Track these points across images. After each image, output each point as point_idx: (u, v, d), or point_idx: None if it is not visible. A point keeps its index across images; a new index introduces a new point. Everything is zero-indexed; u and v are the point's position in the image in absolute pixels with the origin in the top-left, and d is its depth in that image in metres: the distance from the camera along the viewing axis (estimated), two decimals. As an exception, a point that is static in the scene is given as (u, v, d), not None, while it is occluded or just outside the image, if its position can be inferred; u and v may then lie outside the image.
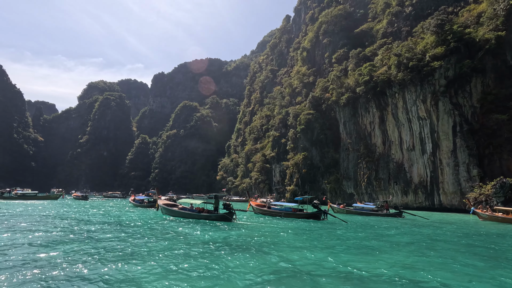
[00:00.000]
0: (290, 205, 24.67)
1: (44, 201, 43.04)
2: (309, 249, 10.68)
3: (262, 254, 9.33)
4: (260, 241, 12.35)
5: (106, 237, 11.91)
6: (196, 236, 13.22)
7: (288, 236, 14.45)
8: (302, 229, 17.67)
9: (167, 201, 30.88)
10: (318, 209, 22.26)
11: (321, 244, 12.01)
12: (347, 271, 7.72)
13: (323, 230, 17.25)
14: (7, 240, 10.89)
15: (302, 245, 11.76)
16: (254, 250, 9.99)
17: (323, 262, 8.74)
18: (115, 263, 7.71)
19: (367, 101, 60.29)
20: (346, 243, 12.52)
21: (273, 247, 10.92)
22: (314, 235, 14.99)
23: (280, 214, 24.19)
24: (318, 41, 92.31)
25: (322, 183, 72.32)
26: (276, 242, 12.05)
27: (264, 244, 11.53)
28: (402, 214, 28.49)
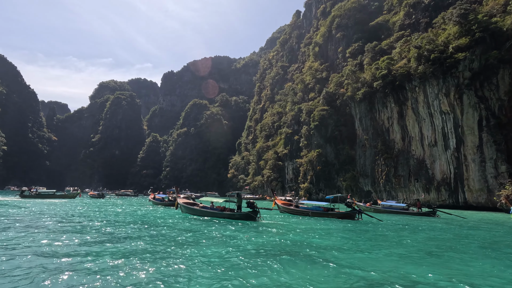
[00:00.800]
0: (321, 204, 23.53)
1: (62, 200, 43.10)
2: (370, 255, 9.31)
3: (317, 261, 8.24)
4: (302, 244, 11.22)
5: (147, 241, 10.78)
6: (238, 239, 12.13)
7: (332, 238, 13.23)
8: (343, 230, 16.32)
9: (186, 199, 30.23)
10: (352, 208, 21.09)
11: (381, 249, 10.62)
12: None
13: (367, 232, 15.75)
14: (49, 242, 10.16)
15: (356, 249, 10.53)
16: (304, 256, 8.95)
17: (401, 271, 7.52)
18: (176, 277, 6.68)
19: (385, 95, 58.42)
20: (408, 248, 10.97)
21: (323, 252, 9.73)
22: (361, 237, 13.62)
23: (309, 214, 23.10)
24: (331, 36, 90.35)
25: (337, 180, 70.84)
26: (323, 246, 10.86)
27: (309, 248, 10.40)
28: (436, 213, 27.04)
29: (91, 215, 22.60)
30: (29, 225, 15.28)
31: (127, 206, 35.26)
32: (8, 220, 17.08)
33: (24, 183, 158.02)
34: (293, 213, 22.74)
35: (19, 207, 27.41)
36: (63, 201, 39.22)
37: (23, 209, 25.58)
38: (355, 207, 21.11)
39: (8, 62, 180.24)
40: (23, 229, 13.55)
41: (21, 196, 46.58)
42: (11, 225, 14.89)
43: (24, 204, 31.09)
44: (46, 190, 53.02)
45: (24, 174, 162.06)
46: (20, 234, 12.02)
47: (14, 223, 15.79)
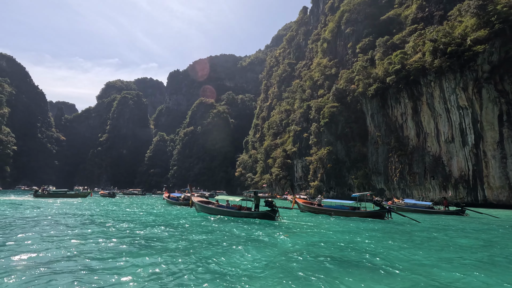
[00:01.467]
0: (347, 203, 22.52)
1: (74, 199, 42.85)
2: (431, 262, 8.29)
3: (376, 269, 7.31)
4: (347, 247, 10.03)
5: (179, 246, 9.87)
6: (276, 241, 11.16)
7: (375, 240, 12.00)
8: (381, 231, 15.08)
9: (200, 198, 29.59)
10: (381, 207, 20.03)
11: (439, 254, 9.41)
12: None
13: (411, 234, 14.42)
14: (77, 246, 9.46)
15: (412, 254, 9.35)
16: (358, 262, 7.99)
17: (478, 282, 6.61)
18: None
19: (398, 91, 56.98)
20: (468, 254, 9.80)
21: (375, 256, 8.67)
22: (408, 240, 12.35)
23: (332, 213, 22.08)
24: (340, 31, 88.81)
25: (348, 178, 69.61)
26: (371, 250, 9.73)
27: (357, 252, 9.25)
28: (465, 212, 25.83)
29: (116, 215, 21.89)
30: (59, 229, 14.68)
31: (143, 205, 34.71)
32: (33, 223, 16.54)
33: (34, 182, 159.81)
34: (315, 212, 21.84)
35: (36, 207, 26.94)
36: (76, 201, 38.92)
37: (41, 209, 25.11)
38: (384, 206, 20.06)
39: (17, 63, 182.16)
40: (57, 232, 12.95)
41: (34, 195, 46.65)
42: (45, 231, 14.18)
43: (40, 204, 30.72)
44: (58, 190, 52.93)
45: (33, 174, 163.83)
46: (53, 237, 11.37)
47: (40, 226, 15.11)
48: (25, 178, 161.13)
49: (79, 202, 37.67)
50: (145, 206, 33.85)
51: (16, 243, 9.82)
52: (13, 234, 11.75)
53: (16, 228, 13.71)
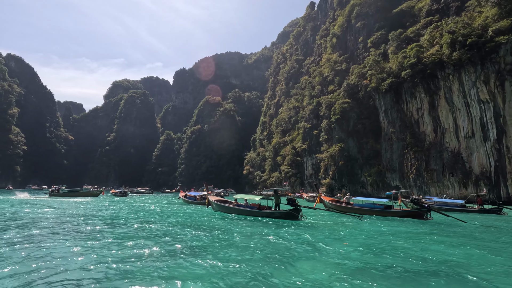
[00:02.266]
0: (380, 201, 21.26)
1: (87, 198, 42.39)
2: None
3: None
4: (422, 257, 8.76)
5: (231, 255, 8.72)
6: (328, 248, 9.91)
7: (443, 246, 10.61)
8: (440, 234, 13.64)
9: (217, 197, 28.72)
10: (420, 205, 18.77)
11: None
12: None
13: (472, 237, 13.01)
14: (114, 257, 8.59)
15: (493, 264, 8.24)
16: (448, 277, 6.90)
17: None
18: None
19: (414, 85, 55.28)
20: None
21: (458, 269, 7.66)
22: (478, 244, 11.02)
23: (365, 212, 20.88)
24: (350, 26, 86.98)
25: (361, 175, 68.16)
26: (449, 260, 8.43)
27: (433, 263, 8.08)
28: (502, 211, 24.43)
29: (140, 216, 21.01)
30: (89, 230, 13.90)
31: (161, 205, 33.92)
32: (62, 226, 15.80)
33: (43, 182, 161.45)
34: (343, 212, 20.74)
35: (59, 207, 26.25)
36: (90, 200, 38.46)
37: (60, 209, 24.48)
38: (423, 204, 18.82)
39: (25, 64, 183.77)
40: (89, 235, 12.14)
41: (50, 195, 46.92)
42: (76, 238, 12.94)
43: (60, 204, 30.13)
44: (72, 189, 52.89)
45: (43, 173, 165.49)
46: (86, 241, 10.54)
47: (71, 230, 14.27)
48: (35, 177, 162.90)
49: (94, 201, 37.24)
50: (164, 205, 33.15)
51: (82, 248, 9.21)
52: (70, 238, 10.95)
53: (69, 231, 12.91)
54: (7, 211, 22.33)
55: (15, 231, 12.58)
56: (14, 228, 13.32)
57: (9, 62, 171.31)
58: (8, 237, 10.94)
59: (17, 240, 10.08)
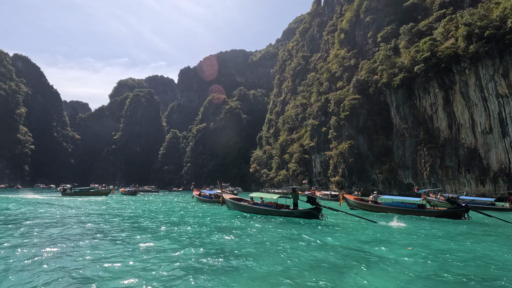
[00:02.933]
0: (412, 200, 20.18)
1: (98, 198, 41.97)
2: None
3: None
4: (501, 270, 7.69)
5: (277, 268, 7.40)
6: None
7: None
8: (494, 236, 12.72)
9: (231, 195, 28.00)
10: (457, 204, 17.72)
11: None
12: None
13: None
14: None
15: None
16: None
17: None
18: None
19: (427, 80, 53.84)
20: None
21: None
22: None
23: (396, 211, 19.79)
24: (358, 20, 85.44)
25: (372, 173, 66.98)
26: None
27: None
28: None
29: (165, 217, 20.18)
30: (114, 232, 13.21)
31: (174, 204, 33.18)
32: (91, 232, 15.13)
33: (51, 181, 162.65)
34: (370, 211, 19.70)
35: (76, 207, 25.62)
36: (102, 199, 38.00)
37: (79, 209, 23.89)
38: (460, 204, 17.77)
39: (32, 64, 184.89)
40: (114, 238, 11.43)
41: (62, 194, 46.91)
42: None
43: (74, 203, 29.62)
44: (82, 188, 52.76)
45: (51, 172, 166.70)
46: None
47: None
48: (43, 176, 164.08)
49: (107, 200, 36.83)
50: (179, 204, 32.50)
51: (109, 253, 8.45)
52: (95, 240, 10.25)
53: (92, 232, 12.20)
54: (33, 212, 21.78)
55: (49, 233, 11.95)
56: (45, 228, 12.67)
57: (16, 62, 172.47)
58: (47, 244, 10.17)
59: (62, 250, 9.04)
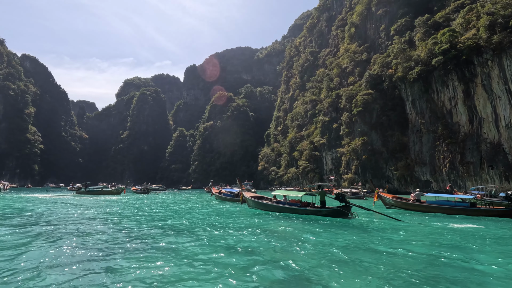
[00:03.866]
0: (464, 197, 18.68)
1: (112, 197, 41.20)
2: None
3: None
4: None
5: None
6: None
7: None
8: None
9: (250, 193, 26.87)
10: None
11: None
12: None
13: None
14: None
15: None
16: None
17: None
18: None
19: (446, 73, 51.92)
20: None
21: None
22: None
23: (444, 211, 18.20)
24: (370, 14, 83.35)
25: (386, 170, 65.26)
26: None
27: None
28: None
29: (187, 217, 19.04)
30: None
31: (192, 202, 32.07)
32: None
33: (60, 180, 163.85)
34: (413, 210, 18.21)
35: (97, 205, 24.80)
36: (116, 198, 37.22)
37: (100, 209, 23.00)
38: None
39: (40, 64, 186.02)
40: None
41: (77, 192, 46.61)
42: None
43: (87, 202, 28.80)
44: (95, 187, 52.30)
45: (60, 172, 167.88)
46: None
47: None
48: (52, 176, 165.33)
49: (122, 199, 36.10)
50: (198, 203, 31.47)
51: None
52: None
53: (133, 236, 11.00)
54: (58, 212, 20.93)
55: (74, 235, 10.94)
56: (70, 234, 11.68)
57: (24, 62, 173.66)
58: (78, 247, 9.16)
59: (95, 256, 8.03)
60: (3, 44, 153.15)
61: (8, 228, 12.24)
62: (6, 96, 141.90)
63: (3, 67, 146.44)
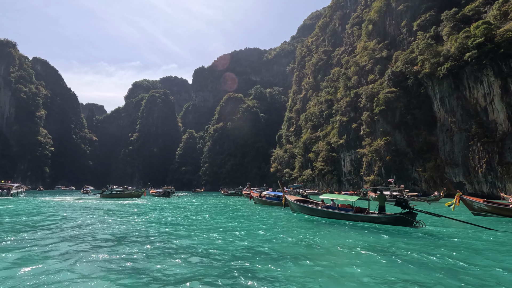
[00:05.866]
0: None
1: (133, 199, 39.24)
2: None
3: None
4: None
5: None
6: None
7: None
8: None
9: (295, 196, 24.47)
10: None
11: None
12: None
13: None
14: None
15: None
16: None
17: None
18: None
19: (480, 68, 48.87)
20: None
21: None
22: None
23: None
24: (389, 10, 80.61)
25: (412, 171, 62.20)
26: None
27: None
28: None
29: (248, 226, 16.78)
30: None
31: (232, 207, 29.55)
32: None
33: (71, 182, 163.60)
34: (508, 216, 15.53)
35: (139, 213, 22.54)
36: (141, 202, 35.11)
37: (141, 217, 20.91)
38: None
39: (50, 66, 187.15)
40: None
41: (101, 196, 44.64)
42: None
43: (119, 207, 26.69)
44: (117, 189, 50.38)
45: (70, 174, 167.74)
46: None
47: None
48: (62, 178, 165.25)
49: (147, 202, 34.15)
50: (236, 206, 29.18)
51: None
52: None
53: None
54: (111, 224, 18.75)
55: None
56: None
57: (35, 65, 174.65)
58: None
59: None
60: (15, 48, 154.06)
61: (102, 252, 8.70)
62: (18, 99, 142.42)
63: (15, 70, 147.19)
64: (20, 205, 27.72)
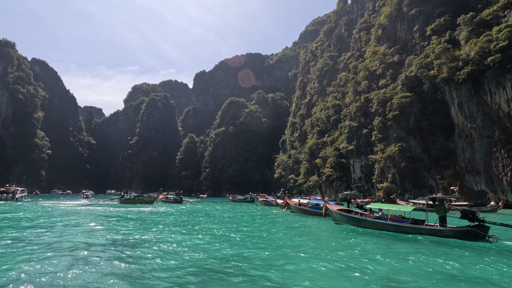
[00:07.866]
0: None
1: (149, 208, 36.30)
2: None
3: None
4: None
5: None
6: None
7: None
8: None
9: (337, 205, 22.07)
10: None
11: None
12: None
13: None
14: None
15: None
16: None
17: None
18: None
19: (503, 73, 47.34)
20: None
21: None
22: None
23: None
24: (400, 14, 79.56)
25: (428, 178, 60.13)
26: None
27: None
28: None
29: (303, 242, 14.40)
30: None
31: (268, 218, 26.62)
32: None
33: (67, 186, 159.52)
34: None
35: (166, 222, 19.74)
36: (162, 209, 32.40)
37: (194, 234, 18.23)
38: None
39: (49, 68, 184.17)
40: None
41: (120, 201, 42.13)
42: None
43: (158, 216, 23.80)
44: (132, 195, 47.73)
45: (67, 178, 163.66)
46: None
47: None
48: (59, 182, 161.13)
49: (168, 210, 31.60)
50: (270, 216, 26.55)
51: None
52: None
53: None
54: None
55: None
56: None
57: (34, 66, 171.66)
58: None
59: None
60: (14, 48, 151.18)
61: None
62: (16, 100, 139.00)
63: (13, 71, 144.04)
64: (36, 214, 23.82)
